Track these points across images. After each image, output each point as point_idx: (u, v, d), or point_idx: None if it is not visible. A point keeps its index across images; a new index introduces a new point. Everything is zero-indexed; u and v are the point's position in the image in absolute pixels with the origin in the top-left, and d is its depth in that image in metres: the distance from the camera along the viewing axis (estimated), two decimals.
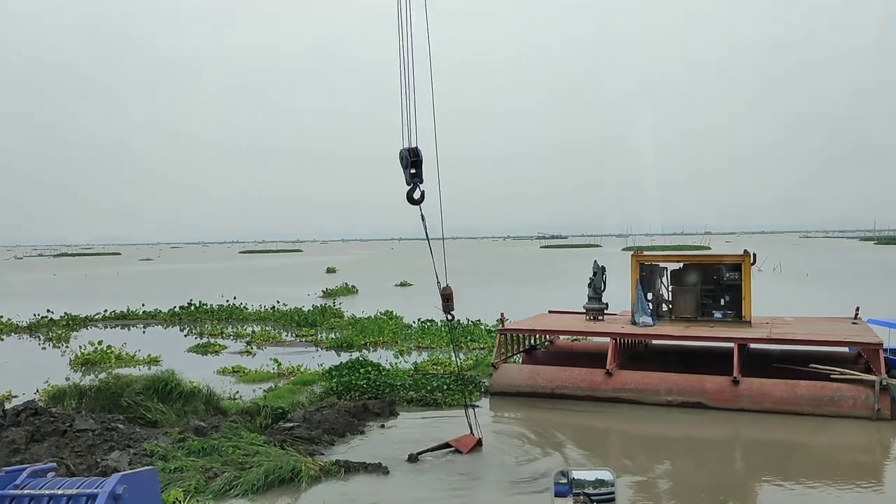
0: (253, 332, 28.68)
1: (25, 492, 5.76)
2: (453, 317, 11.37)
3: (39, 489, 5.77)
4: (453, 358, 20.24)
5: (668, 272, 18.01)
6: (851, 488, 9.99)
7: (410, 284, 52.07)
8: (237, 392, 16.78)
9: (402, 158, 10.21)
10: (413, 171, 10.17)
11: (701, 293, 17.25)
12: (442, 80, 10.30)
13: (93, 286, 62.58)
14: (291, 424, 12.70)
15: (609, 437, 12.83)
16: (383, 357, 21.54)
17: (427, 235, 10.60)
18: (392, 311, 31.24)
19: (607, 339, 15.97)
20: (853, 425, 12.91)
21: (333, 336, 26.81)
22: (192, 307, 35.60)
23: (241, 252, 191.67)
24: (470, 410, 11.96)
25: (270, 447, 11.13)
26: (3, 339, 29.24)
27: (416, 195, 10.33)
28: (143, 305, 36.31)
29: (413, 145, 10.12)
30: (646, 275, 17.50)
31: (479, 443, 11.77)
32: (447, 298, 11.07)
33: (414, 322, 28.56)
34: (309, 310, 33.50)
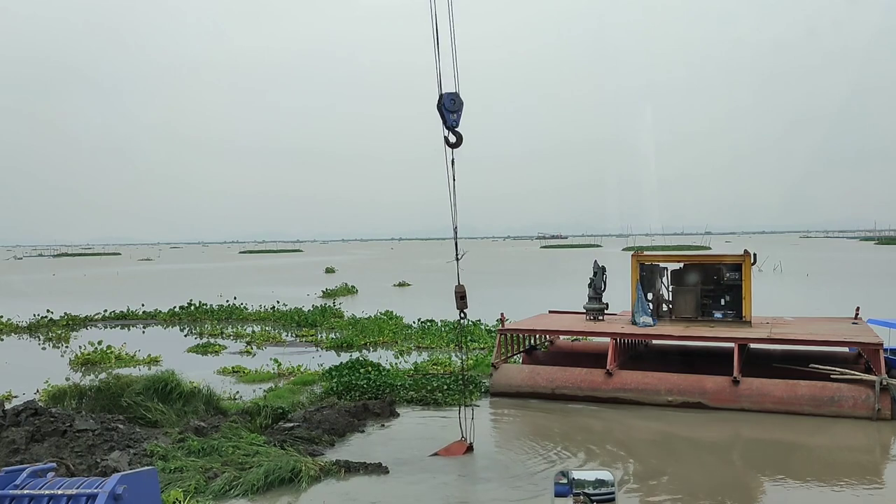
0: (253, 332, 28.68)
1: (25, 492, 5.74)
2: (465, 315, 11.37)
3: (39, 489, 5.76)
4: (454, 358, 20.24)
5: (669, 272, 18.01)
6: (852, 488, 9.99)
7: (409, 284, 52.07)
8: (237, 392, 16.78)
9: (452, 100, 10.25)
10: (454, 115, 10.32)
11: (701, 293, 17.24)
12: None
13: (93, 286, 62.58)
14: (291, 424, 12.71)
15: (609, 438, 12.82)
16: (383, 357, 21.53)
17: (451, 180, 10.63)
18: (392, 312, 31.24)
19: (607, 339, 15.97)
20: (853, 425, 12.91)
21: (333, 336, 26.82)
22: (192, 307, 35.60)
23: (241, 252, 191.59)
24: (464, 414, 11.56)
25: (270, 447, 11.14)
26: (3, 339, 29.25)
27: (452, 139, 10.45)
28: (143, 305, 36.30)
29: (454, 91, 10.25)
30: (646, 275, 17.50)
31: (469, 448, 11.47)
32: (462, 296, 11.09)
33: (414, 322, 28.56)
34: (309, 310, 33.50)
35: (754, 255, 17.07)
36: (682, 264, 17.92)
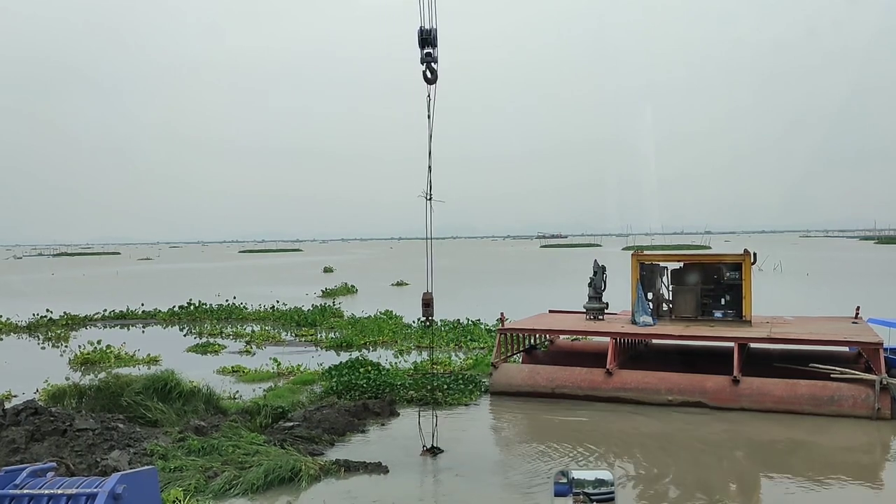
0: (252, 331, 28.68)
1: (25, 491, 5.75)
2: (432, 323, 11.30)
3: (39, 489, 5.76)
4: (454, 357, 20.25)
5: (669, 272, 18.01)
6: (852, 488, 9.99)
7: (408, 284, 52.04)
8: (237, 392, 16.78)
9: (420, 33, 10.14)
10: (428, 50, 10.21)
11: (701, 293, 17.23)
12: (442, 80, 10.38)
13: (92, 286, 62.57)
14: (291, 424, 12.70)
15: (609, 437, 12.81)
16: (383, 357, 21.53)
17: (430, 113, 10.53)
18: (391, 311, 31.22)
19: (607, 339, 15.96)
20: (853, 425, 12.90)
21: (333, 336, 26.80)
22: (192, 307, 35.60)
23: (240, 252, 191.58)
24: (425, 422, 11.39)
25: (270, 446, 11.13)
26: (2, 339, 29.22)
27: (429, 74, 10.35)
28: (143, 305, 36.31)
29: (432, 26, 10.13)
30: (646, 274, 17.49)
31: (432, 453, 11.30)
32: (427, 304, 10.98)
33: (413, 322, 28.53)
34: (308, 309, 33.50)
35: (754, 254, 17.08)
36: (682, 264, 17.92)
